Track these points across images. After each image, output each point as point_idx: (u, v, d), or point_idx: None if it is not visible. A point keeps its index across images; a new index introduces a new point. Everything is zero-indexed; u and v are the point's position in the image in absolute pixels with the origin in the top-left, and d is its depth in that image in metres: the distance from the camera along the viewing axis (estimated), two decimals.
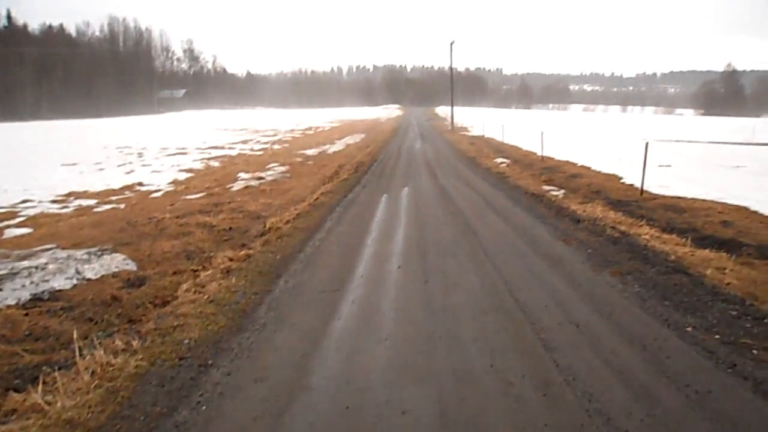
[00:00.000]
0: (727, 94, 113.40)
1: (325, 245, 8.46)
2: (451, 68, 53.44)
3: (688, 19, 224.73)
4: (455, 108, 53.72)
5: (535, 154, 22.09)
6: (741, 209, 11.02)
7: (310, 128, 45.11)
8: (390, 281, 6.55)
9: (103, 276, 6.84)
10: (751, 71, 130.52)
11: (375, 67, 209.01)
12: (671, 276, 6.49)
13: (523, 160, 20.97)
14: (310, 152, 23.69)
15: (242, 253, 7.96)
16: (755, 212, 10.74)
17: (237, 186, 14.52)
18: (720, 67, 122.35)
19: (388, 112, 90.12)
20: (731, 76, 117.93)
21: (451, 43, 48.52)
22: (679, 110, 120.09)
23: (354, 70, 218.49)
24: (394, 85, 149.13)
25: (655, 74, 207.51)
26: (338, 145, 28.15)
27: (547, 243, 8.37)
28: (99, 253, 7.68)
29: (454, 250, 7.88)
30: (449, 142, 32.42)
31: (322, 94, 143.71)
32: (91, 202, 12.95)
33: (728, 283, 6.13)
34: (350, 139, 32.50)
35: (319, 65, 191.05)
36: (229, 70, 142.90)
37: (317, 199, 12.58)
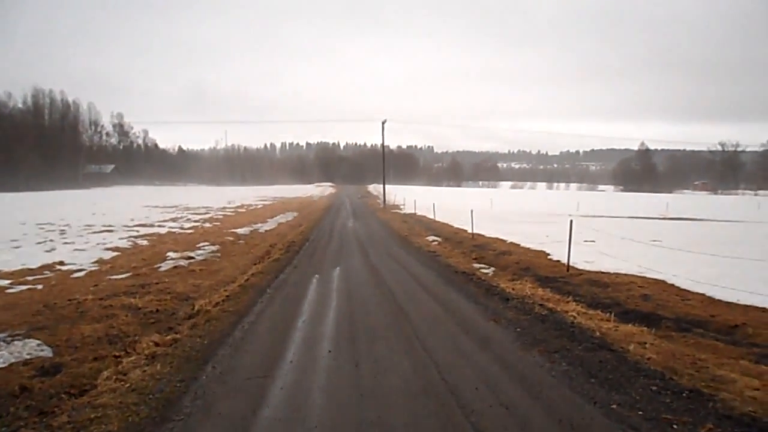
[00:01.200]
0: (643, 171, 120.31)
1: (254, 328, 8.27)
2: (383, 146, 54.75)
3: (606, 103, 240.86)
4: (388, 186, 54.66)
5: (465, 231, 22.55)
6: (659, 282, 11.51)
7: (242, 206, 44.75)
8: (320, 366, 6.43)
9: (12, 364, 6.41)
10: (662, 150, 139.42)
11: (308, 144, 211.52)
12: (597, 353, 6.65)
13: (454, 237, 21.36)
14: (241, 231, 23.42)
15: (169, 337, 7.68)
16: (672, 285, 11.24)
17: (165, 266, 14.12)
18: (635, 146, 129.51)
19: (321, 189, 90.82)
20: (645, 154, 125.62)
21: (383, 122, 49.90)
22: (600, 186, 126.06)
23: (287, 147, 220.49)
24: (327, 162, 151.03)
25: (578, 152, 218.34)
26: (270, 224, 27.99)
27: (478, 323, 8.46)
28: (9, 338, 7.24)
29: (386, 333, 7.85)
30: (382, 220, 32.81)
31: (256, 172, 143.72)
32: (4, 282, 12.26)
33: (649, 358, 6.32)
34: (283, 218, 32.41)
35: (252, 142, 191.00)
36: (161, 146, 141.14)
37: (248, 280, 12.37)
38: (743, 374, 5.68)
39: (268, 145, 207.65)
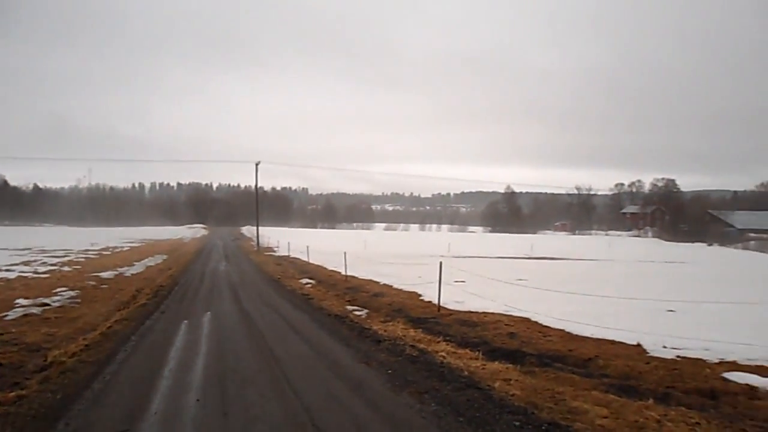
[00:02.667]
0: (509, 212, 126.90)
1: (116, 379, 7.74)
2: (256, 188, 54.11)
3: (475, 147, 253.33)
4: (262, 228, 53.90)
5: (339, 273, 22.61)
6: (524, 320, 12.10)
7: (107, 248, 42.17)
8: (187, 416, 6.12)
9: None
10: (527, 192, 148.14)
11: (179, 184, 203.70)
12: (465, 391, 6.83)
13: (327, 280, 21.34)
14: (105, 275, 21.99)
15: (13, 394, 6.96)
16: (535, 322, 11.86)
17: (13, 314, 12.91)
18: (502, 189, 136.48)
19: (193, 231, 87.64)
20: (511, 196, 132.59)
21: (257, 164, 49.45)
22: (470, 227, 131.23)
23: (157, 187, 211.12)
24: (199, 203, 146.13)
25: (449, 194, 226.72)
26: (137, 267, 26.55)
27: (349, 366, 8.44)
28: None
29: (256, 379, 7.63)
30: (255, 263, 32.19)
31: (123, 212, 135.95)
32: None
33: (513, 394, 6.58)
34: (151, 261, 30.86)
35: (119, 181, 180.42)
36: (12, 183, 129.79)
37: (110, 327, 11.59)
38: (595, 404, 6.06)
39: (137, 185, 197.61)
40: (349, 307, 14.44)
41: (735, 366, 7.80)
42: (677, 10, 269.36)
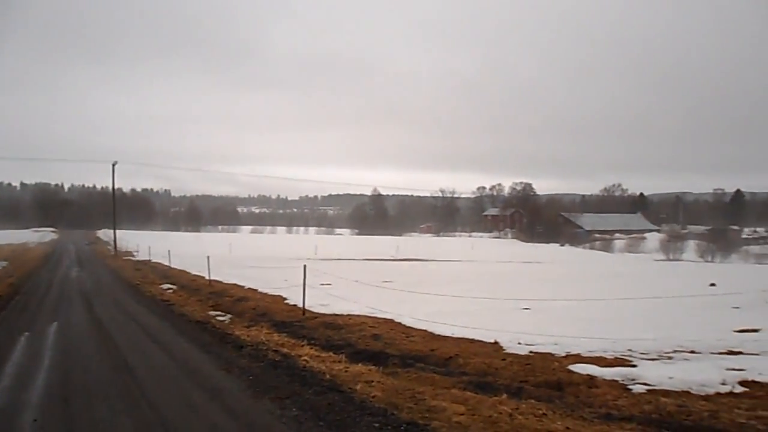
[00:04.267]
0: (376, 215, 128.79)
1: None
2: (113, 189, 51.12)
3: (342, 150, 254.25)
4: (121, 231, 51.00)
5: (203, 278, 21.85)
6: (388, 321, 12.26)
7: None
8: None
9: None
10: (393, 195, 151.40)
11: (23, 184, 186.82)
12: (326, 395, 6.79)
13: (190, 285, 20.56)
14: None
15: None
16: (399, 324, 12.05)
17: None
18: (369, 191, 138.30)
19: (40, 236, 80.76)
20: (378, 199, 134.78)
21: (114, 164, 46.61)
22: (338, 230, 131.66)
23: None
24: (47, 205, 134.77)
25: (316, 197, 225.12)
26: None
27: (209, 373, 8.15)
28: None
29: (107, 393, 7.13)
30: (111, 268, 30.39)
31: None
32: None
33: (374, 396, 6.63)
34: None
35: None
36: None
37: None
38: (453, 402, 6.24)
39: None
40: (212, 313, 13.97)
41: (579, 358, 8.36)
42: (537, 18, 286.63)
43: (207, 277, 21.04)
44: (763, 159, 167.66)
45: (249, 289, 18.71)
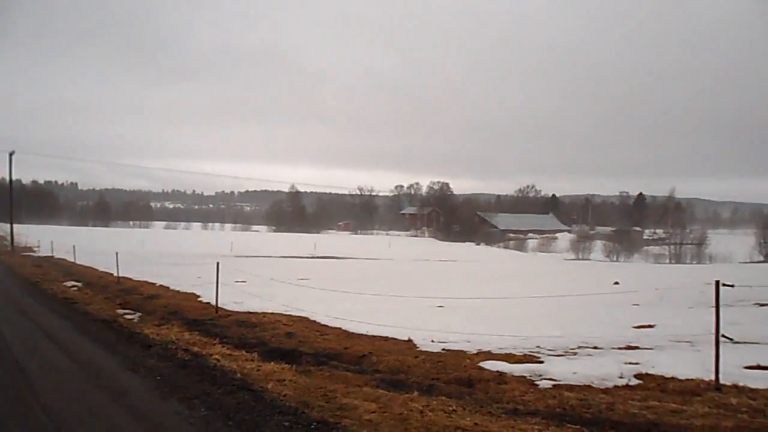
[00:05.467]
0: (293, 212, 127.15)
1: None
2: (11, 181, 48.11)
3: (260, 145, 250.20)
4: (20, 226, 48.20)
5: (111, 275, 20.94)
6: (303, 319, 12.21)
7: None
8: None
9: None
10: (311, 192, 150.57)
11: None
12: (236, 394, 6.63)
13: (97, 282, 19.68)
14: None
15: None
16: (314, 322, 12.03)
17: None
18: (287, 188, 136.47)
19: None
20: (296, 196, 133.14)
21: (11, 154, 43.84)
22: (255, 227, 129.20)
23: None
24: None
25: (233, 193, 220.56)
26: None
27: (113, 374, 7.80)
28: None
29: None
30: (8, 265, 28.64)
31: None
32: None
33: (285, 395, 6.54)
34: None
35: None
36: None
37: None
38: (365, 399, 6.24)
39: None
40: (120, 311, 13.41)
41: (489, 355, 8.57)
42: (458, 21, 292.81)
43: (116, 274, 20.18)
44: (662, 165, 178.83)
45: (161, 286, 18.14)
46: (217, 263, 13.70)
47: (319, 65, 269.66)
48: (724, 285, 6.68)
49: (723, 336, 6.60)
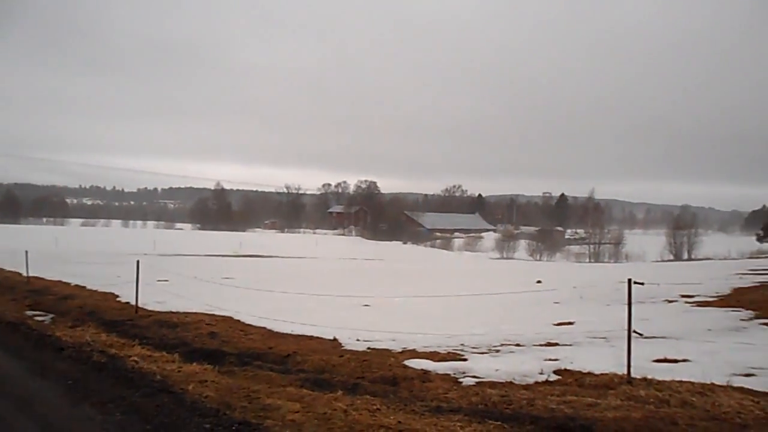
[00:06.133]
0: (219, 210, 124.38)
1: None
2: None
3: (184, 141, 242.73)
4: None
5: (20, 275, 19.83)
6: (227, 319, 12.02)
7: None
8: None
9: None
10: (237, 190, 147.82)
11: None
12: (155, 397, 6.36)
13: (3, 282, 18.62)
14: None
15: None
16: (238, 321, 11.86)
17: None
18: (212, 185, 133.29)
19: None
20: (221, 193, 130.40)
21: None
22: (179, 225, 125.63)
23: None
24: None
25: (156, 189, 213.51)
26: None
27: (19, 380, 7.35)
28: None
29: None
30: None
31: None
32: None
33: (207, 396, 6.33)
34: None
35: None
36: None
37: None
38: (288, 400, 6.13)
39: None
40: (30, 313, 12.72)
41: (414, 354, 8.65)
42: (387, 20, 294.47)
43: (25, 274, 19.13)
44: (582, 167, 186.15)
45: (76, 286, 17.41)
46: (137, 261, 13.21)
47: (245, 61, 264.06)
48: (635, 283, 6.95)
49: (634, 332, 6.91)
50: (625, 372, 6.79)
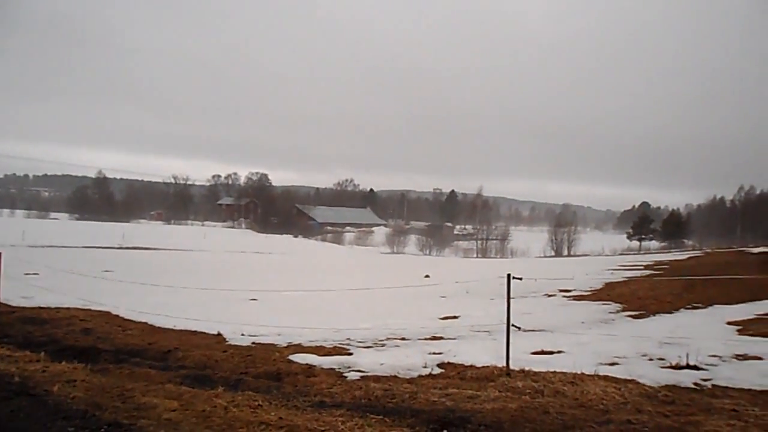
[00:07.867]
0: (100, 199, 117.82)
1: None
2: None
3: (62, 126, 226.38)
4: None
5: None
6: (104, 314, 11.45)
7: None
8: None
9: None
10: (121, 179, 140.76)
11: None
12: (11, 401, 5.81)
13: None
14: None
15: None
16: (116, 316, 11.31)
17: None
18: (93, 173, 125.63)
19: None
20: (103, 182, 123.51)
21: None
22: (54, 214, 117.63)
23: None
24: None
25: (27, 176, 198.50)
26: None
27: None
28: None
29: None
30: None
31: None
32: None
33: (74, 397, 5.90)
34: None
35: None
36: None
37: None
38: (166, 398, 5.84)
39: None
40: None
41: (300, 348, 8.57)
42: (285, 11, 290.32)
43: None
44: (472, 164, 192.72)
45: None
46: (0, 252, 12.19)
47: (131, 43, 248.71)
48: (514, 278, 7.21)
49: (513, 325, 7.17)
50: (505, 364, 7.02)
